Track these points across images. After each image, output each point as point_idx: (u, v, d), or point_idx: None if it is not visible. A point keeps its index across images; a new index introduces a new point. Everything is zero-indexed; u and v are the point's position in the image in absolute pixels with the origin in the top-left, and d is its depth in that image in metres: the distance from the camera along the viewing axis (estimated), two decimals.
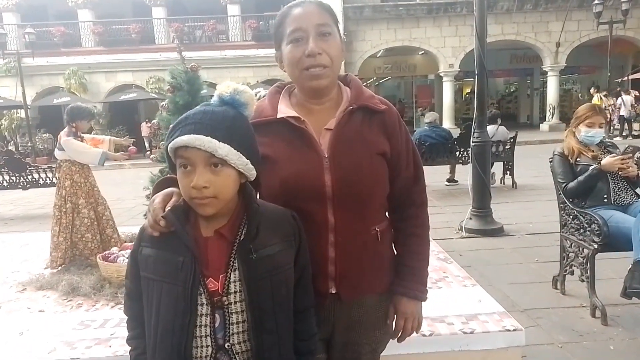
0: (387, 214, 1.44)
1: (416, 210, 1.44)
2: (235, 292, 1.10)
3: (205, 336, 1.09)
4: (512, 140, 8.13)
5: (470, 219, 5.51)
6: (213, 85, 18.61)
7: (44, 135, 17.56)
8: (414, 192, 1.43)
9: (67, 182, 3.84)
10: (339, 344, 1.37)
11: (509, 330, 2.27)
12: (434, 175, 8.83)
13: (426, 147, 7.99)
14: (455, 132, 8.87)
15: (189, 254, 1.08)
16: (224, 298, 1.10)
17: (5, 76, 17.71)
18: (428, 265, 1.45)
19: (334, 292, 1.31)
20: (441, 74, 19.61)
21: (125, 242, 4.07)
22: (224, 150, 1.05)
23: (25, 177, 8.21)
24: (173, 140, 1.07)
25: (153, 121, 4.42)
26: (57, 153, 3.87)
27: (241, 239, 1.12)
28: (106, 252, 3.54)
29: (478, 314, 2.45)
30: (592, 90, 16.02)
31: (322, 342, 1.35)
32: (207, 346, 1.09)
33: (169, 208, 1.13)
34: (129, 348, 1.23)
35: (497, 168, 8.24)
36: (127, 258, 3.37)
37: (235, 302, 1.10)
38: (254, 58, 17.80)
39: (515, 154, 8.23)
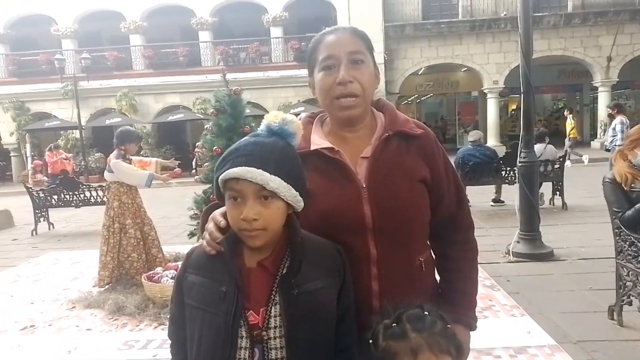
0: (428, 241, 1.39)
1: (464, 234, 1.39)
2: (275, 327, 1.08)
3: None
4: (561, 159, 7.82)
5: (518, 242, 5.29)
6: (256, 105, 19.04)
7: (96, 154, 18.38)
8: (459, 217, 1.38)
9: (115, 202, 3.98)
10: None
11: None
12: (479, 196, 8.60)
13: (470, 166, 7.81)
14: (501, 150, 8.62)
15: (232, 284, 1.07)
16: (264, 332, 1.07)
17: (63, 99, 18.72)
18: (477, 293, 1.40)
19: None
20: (485, 91, 19.24)
21: (169, 261, 4.16)
22: (274, 183, 1.04)
23: (77, 196, 8.59)
24: (224, 171, 1.06)
25: (198, 143, 4.54)
26: (107, 175, 4.03)
27: (283, 272, 1.10)
28: (151, 272, 3.63)
29: (527, 346, 2.34)
30: (565, 113, 15.64)
31: None
32: None
33: (225, 236, 1.12)
34: None
35: (546, 188, 7.93)
36: (170, 278, 3.45)
37: (275, 338, 1.08)
38: (295, 78, 18.05)
39: (565, 174, 7.90)
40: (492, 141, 18.59)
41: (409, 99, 24.34)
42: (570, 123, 14.90)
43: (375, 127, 1.31)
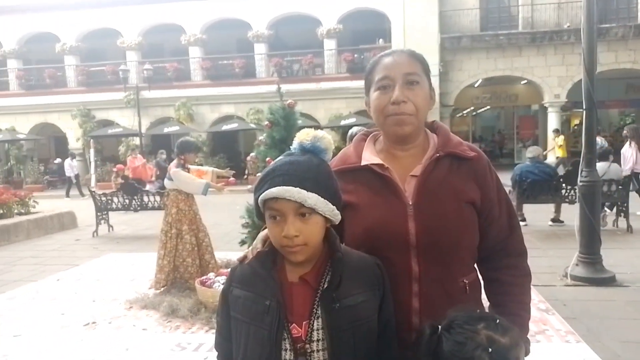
0: (476, 265, 1.38)
1: (515, 259, 1.37)
2: (318, 340, 1.10)
3: None
4: (625, 178, 7.40)
5: (577, 265, 5.04)
6: (308, 117, 19.23)
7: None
8: (510, 243, 1.36)
9: (173, 209, 4.15)
10: None
11: None
12: (537, 214, 8.28)
13: (528, 183, 7.55)
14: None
15: (275, 298, 1.11)
16: (307, 345, 1.10)
17: (125, 107, 19.75)
18: (530, 317, 1.37)
19: None
20: (546, 105, 18.52)
21: (221, 267, 4.28)
22: (312, 199, 1.08)
23: (136, 200, 9.02)
24: (263, 192, 1.10)
25: (251, 154, 4.67)
26: (167, 182, 4.22)
27: (324, 287, 1.12)
28: (204, 277, 3.75)
29: None
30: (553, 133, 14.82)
31: None
32: None
33: (256, 253, 1.18)
34: None
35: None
36: (222, 284, 3.55)
37: (317, 350, 1.10)
38: (347, 90, 18.14)
39: (632, 194, 7.46)
40: (552, 157, 17.84)
41: (464, 112, 23.82)
42: (558, 142, 14.52)
43: (428, 148, 1.33)
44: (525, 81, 19.29)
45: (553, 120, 18.45)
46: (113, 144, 21.65)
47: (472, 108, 22.87)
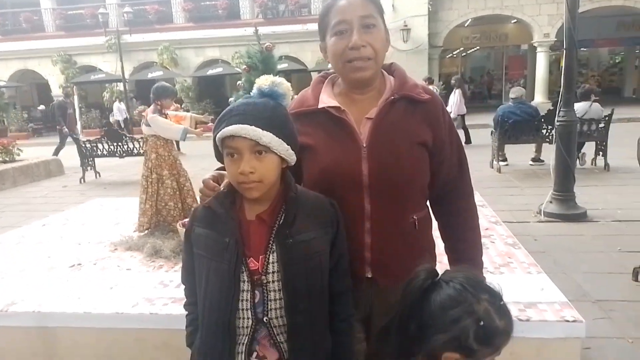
0: (428, 204, 1.46)
1: (466, 202, 1.45)
2: (273, 272, 1.19)
3: (247, 310, 1.20)
4: (607, 118, 7.48)
5: (551, 202, 5.22)
6: (295, 60, 18.79)
7: (139, 107, 18.91)
8: (460, 183, 1.44)
9: (152, 155, 4.18)
10: (377, 326, 1.42)
11: (567, 321, 2.19)
12: (518, 155, 8.42)
13: (509, 124, 7.63)
14: (547, 108, 8.30)
15: (233, 236, 1.19)
16: (263, 277, 1.19)
17: (107, 52, 19.22)
18: (482, 254, 1.48)
19: (369, 276, 1.36)
20: (535, 44, 18.27)
21: None
22: (267, 137, 1.13)
23: (121, 147, 9.00)
24: (220, 130, 1.16)
25: (230, 99, 4.64)
26: (144, 128, 4.21)
27: (279, 224, 1.20)
28: (186, 219, 3.84)
29: (538, 302, 2.38)
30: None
31: (361, 322, 1.42)
32: (247, 318, 1.20)
33: (216, 193, 1.25)
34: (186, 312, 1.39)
35: (589, 148, 7.67)
36: None
37: (273, 282, 1.20)
38: None
39: (614, 133, 7.58)
40: (539, 98, 17.83)
41: (454, 52, 23.43)
42: None
43: (384, 90, 1.36)
44: (515, 20, 18.94)
45: (542, 61, 18.29)
46: (97, 90, 21.20)
47: (461, 49, 22.50)
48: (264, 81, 1.22)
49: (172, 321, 2.50)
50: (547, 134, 7.60)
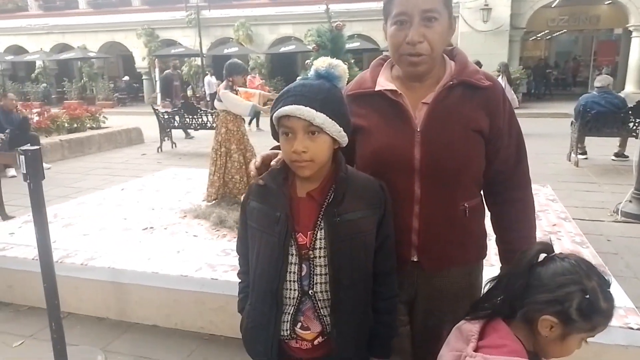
0: (482, 192, 1.44)
1: (521, 193, 1.41)
2: (320, 248, 1.24)
3: (293, 282, 1.26)
4: None
5: (630, 201, 4.87)
6: (367, 39, 18.51)
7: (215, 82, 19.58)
8: (516, 174, 1.40)
9: (222, 129, 4.37)
10: (421, 310, 1.44)
11: (631, 329, 2.08)
12: (601, 148, 7.88)
13: (592, 115, 7.13)
14: (638, 99, 7.65)
15: (284, 210, 1.24)
16: (310, 252, 1.25)
17: (187, 27, 19.93)
18: None
19: (415, 260, 1.37)
20: (630, 28, 16.75)
21: None
22: (320, 118, 1.17)
23: (196, 120, 9.42)
24: (277, 110, 1.21)
25: (298, 77, 4.68)
26: (216, 104, 4.40)
27: (329, 202, 1.24)
28: None
29: None
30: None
31: (405, 305, 1.44)
32: (294, 290, 1.27)
33: (270, 169, 1.31)
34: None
35: None
36: None
37: (319, 257, 1.25)
38: None
39: None
40: (630, 87, 16.43)
41: (538, 35, 22.05)
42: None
43: (443, 76, 1.34)
44: (610, 1, 17.38)
45: (637, 47, 16.77)
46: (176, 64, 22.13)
47: (547, 31, 21.09)
48: (321, 63, 1.24)
49: (231, 287, 2.65)
50: (635, 127, 7.04)
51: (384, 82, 1.36)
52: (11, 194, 5.21)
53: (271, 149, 1.42)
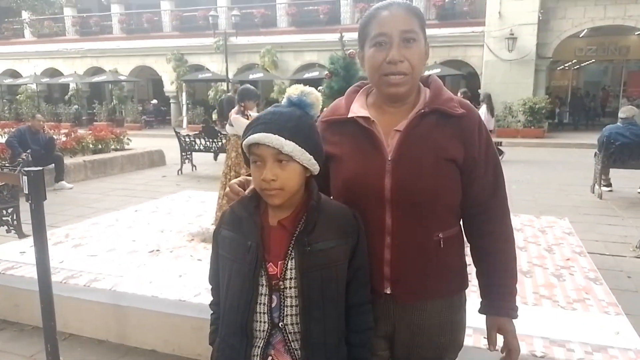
0: (461, 224, 1.39)
1: (499, 224, 1.36)
2: (290, 279, 1.21)
3: (263, 313, 1.23)
4: None
5: None
6: None
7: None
8: (493, 204, 1.35)
9: (233, 153, 4.41)
10: (401, 345, 1.38)
11: None
12: (625, 180, 7.65)
13: (616, 146, 6.95)
14: None
15: (255, 239, 1.22)
16: (281, 282, 1.21)
17: (215, 53, 20.47)
18: (517, 281, 1.39)
19: (389, 292, 1.33)
20: None
21: None
22: (289, 146, 1.16)
23: (216, 143, 9.56)
24: (247, 138, 1.20)
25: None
26: (228, 128, 4.46)
27: (300, 230, 1.22)
28: None
29: (609, 346, 2.15)
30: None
31: (384, 340, 1.39)
32: (264, 322, 1.23)
33: (241, 197, 1.29)
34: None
35: None
36: None
37: (290, 288, 1.21)
38: (434, 38, 17.27)
39: None
40: None
41: (566, 65, 21.79)
42: None
43: (417, 103, 1.32)
44: (639, 32, 17.14)
45: None
46: (203, 88, 22.73)
47: (574, 61, 20.84)
48: (294, 90, 1.24)
49: None
50: None
51: (358, 109, 1.34)
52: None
53: (243, 175, 1.41)
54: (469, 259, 1.40)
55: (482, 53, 17.19)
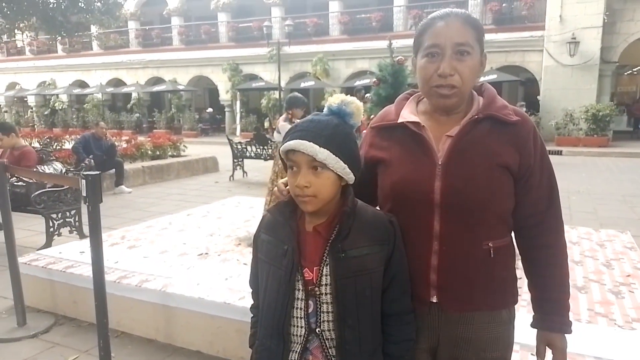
0: (512, 234, 1.35)
1: (553, 237, 1.32)
2: (326, 285, 1.21)
3: (300, 318, 1.23)
4: None
5: None
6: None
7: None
8: (547, 216, 1.31)
9: (279, 160, 4.47)
10: (445, 359, 1.35)
11: None
12: None
13: None
14: None
15: (291, 244, 1.23)
16: (317, 288, 1.22)
17: (268, 62, 20.93)
18: (569, 296, 1.34)
19: (435, 301, 1.29)
20: None
21: None
22: (323, 154, 1.17)
23: (266, 150, 9.74)
24: (284, 144, 1.22)
25: None
26: (275, 135, 4.54)
27: (334, 237, 1.22)
28: None
29: None
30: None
31: (427, 353, 1.35)
32: (301, 327, 1.24)
33: (278, 202, 1.31)
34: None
35: None
36: None
37: (326, 294, 1.22)
38: (491, 43, 16.81)
39: None
40: None
41: (634, 69, 20.59)
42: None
43: (469, 111, 1.30)
44: None
45: None
46: (256, 97, 23.27)
47: None
48: (334, 99, 1.26)
49: None
50: None
51: (407, 115, 1.34)
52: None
53: None
54: (520, 272, 1.36)
55: (541, 58, 16.56)
